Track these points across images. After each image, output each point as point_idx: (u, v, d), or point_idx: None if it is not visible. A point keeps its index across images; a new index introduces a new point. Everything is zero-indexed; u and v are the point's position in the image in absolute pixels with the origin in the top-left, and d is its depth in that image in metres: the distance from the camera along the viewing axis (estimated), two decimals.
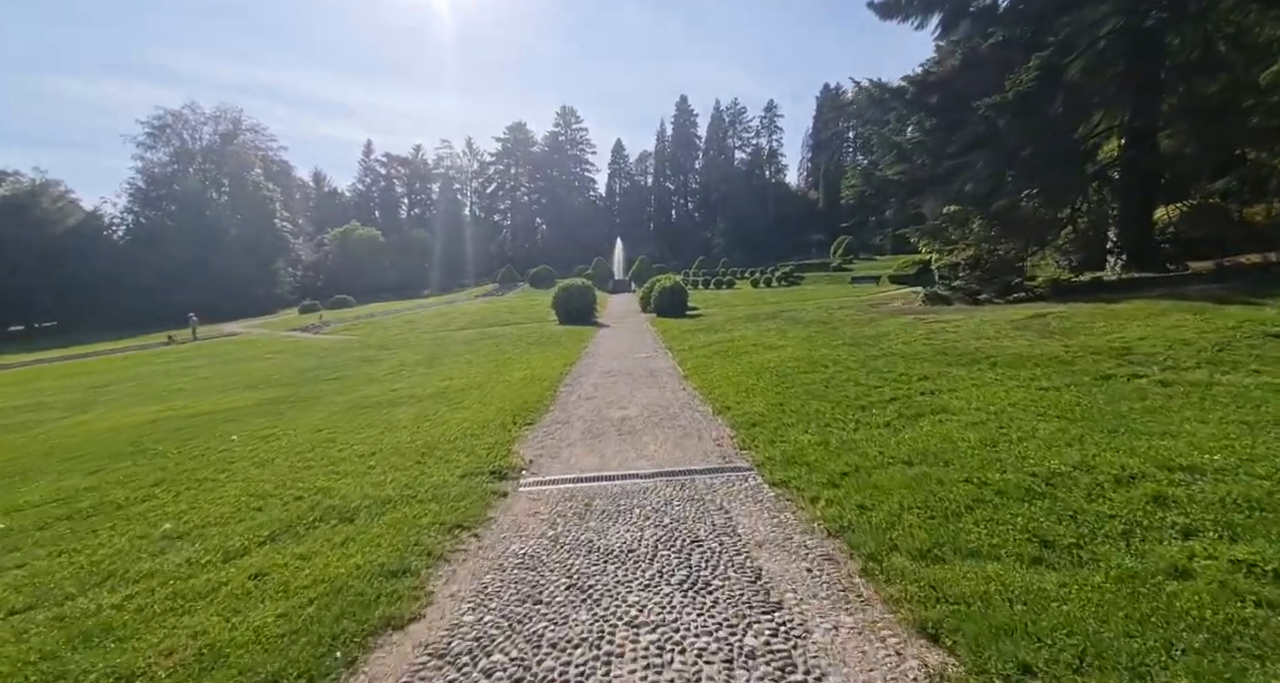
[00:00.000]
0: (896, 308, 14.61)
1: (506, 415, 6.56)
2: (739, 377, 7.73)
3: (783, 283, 37.06)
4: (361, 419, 6.95)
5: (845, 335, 10.21)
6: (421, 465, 4.77)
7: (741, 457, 4.76)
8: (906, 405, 5.33)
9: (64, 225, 50.29)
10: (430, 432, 5.97)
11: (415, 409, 7.31)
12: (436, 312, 32.40)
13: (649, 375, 9.03)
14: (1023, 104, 11.12)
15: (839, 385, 6.49)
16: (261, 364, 15.57)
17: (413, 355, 14.32)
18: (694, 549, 3.07)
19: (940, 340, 8.29)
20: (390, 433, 6.05)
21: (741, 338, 11.91)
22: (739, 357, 9.57)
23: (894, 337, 9.25)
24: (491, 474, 4.51)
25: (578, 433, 5.89)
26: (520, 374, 9.83)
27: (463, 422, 6.35)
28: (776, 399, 6.27)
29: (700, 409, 6.59)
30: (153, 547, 3.41)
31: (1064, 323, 8.05)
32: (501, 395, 7.90)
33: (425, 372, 11.18)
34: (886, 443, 4.37)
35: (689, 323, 16.52)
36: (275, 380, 11.93)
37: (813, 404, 5.83)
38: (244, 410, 8.38)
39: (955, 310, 11.78)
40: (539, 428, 6.13)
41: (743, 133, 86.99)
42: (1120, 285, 10.92)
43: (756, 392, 6.77)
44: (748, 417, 5.74)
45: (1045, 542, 2.60)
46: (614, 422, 6.25)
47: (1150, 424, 3.94)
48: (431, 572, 2.90)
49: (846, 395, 5.99)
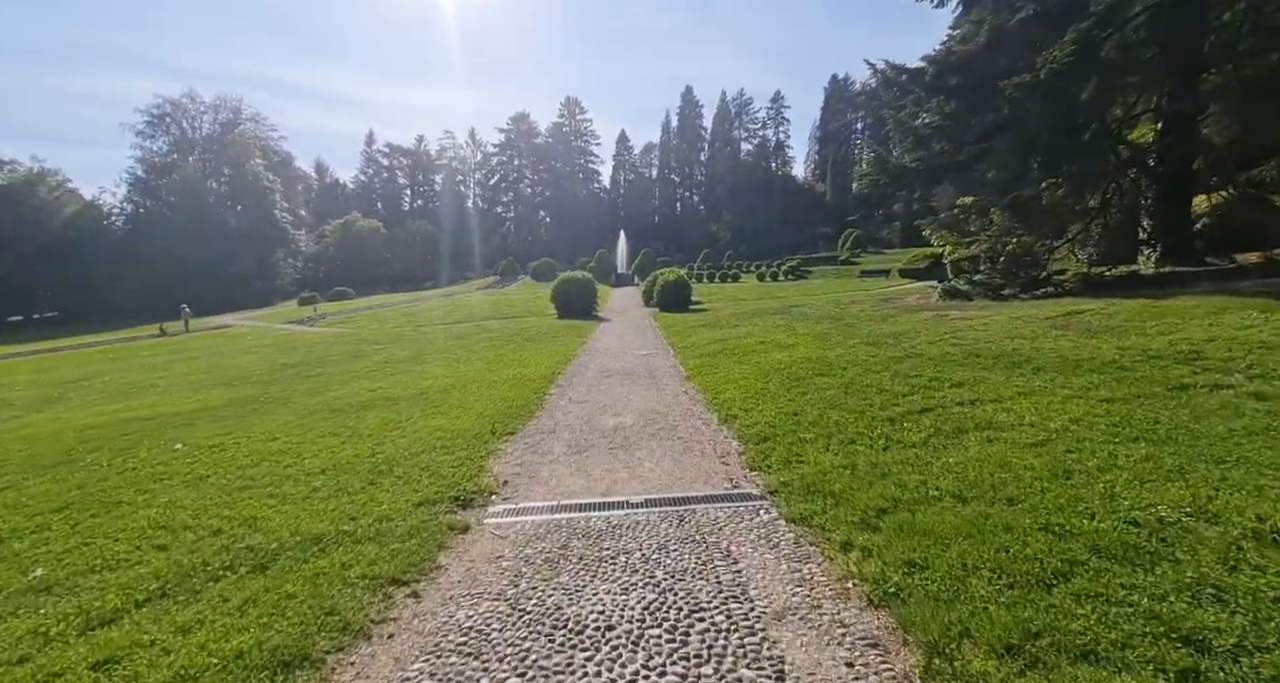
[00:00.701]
0: (912, 303, 13.79)
1: (487, 423, 5.84)
2: (747, 379, 6.98)
3: (789, 277, 36.16)
4: (326, 426, 6.24)
5: (862, 333, 9.42)
6: (374, 489, 4.04)
7: (751, 480, 4.02)
8: (943, 418, 4.57)
9: (61, 216, 49.70)
10: (396, 443, 5.24)
11: (388, 414, 6.59)
12: (433, 304, 31.71)
13: (648, 376, 8.28)
14: (1054, 83, 10.23)
15: (860, 392, 5.72)
16: (245, 359, 14.90)
17: (401, 351, 13.61)
18: (693, 624, 2.33)
19: (969, 340, 7.50)
20: (351, 444, 5.33)
21: (748, 335, 11.15)
22: (746, 356, 8.81)
23: (916, 335, 8.46)
24: (454, 501, 3.78)
25: (564, 446, 5.15)
26: (510, 373, 9.10)
27: (436, 431, 5.62)
28: (790, 407, 5.52)
29: (703, 417, 5.84)
30: (4, 604, 2.70)
31: (1107, 321, 7.24)
32: (486, 398, 7.18)
33: (410, 369, 10.47)
34: (928, 468, 3.61)
35: (693, 318, 15.75)
36: (252, 377, 11.24)
37: (832, 414, 5.07)
38: (205, 412, 7.69)
39: (977, 306, 10.97)
40: (520, 439, 5.40)
41: (749, 124, 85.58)
42: (1160, 280, 10.08)
43: (767, 397, 6.02)
44: (758, 428, 4.99)
45: (1193, 642, 1.83)
46: (606, 432, 5.51)
47: (1266, 452, 3.17)
48: (341, 658, 2.17)
49: (870, 404, 5.23)
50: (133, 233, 52.89)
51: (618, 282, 39.26)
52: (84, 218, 51.35)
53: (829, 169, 79.96)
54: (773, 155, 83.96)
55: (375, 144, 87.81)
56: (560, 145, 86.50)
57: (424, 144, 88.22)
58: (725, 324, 13.34)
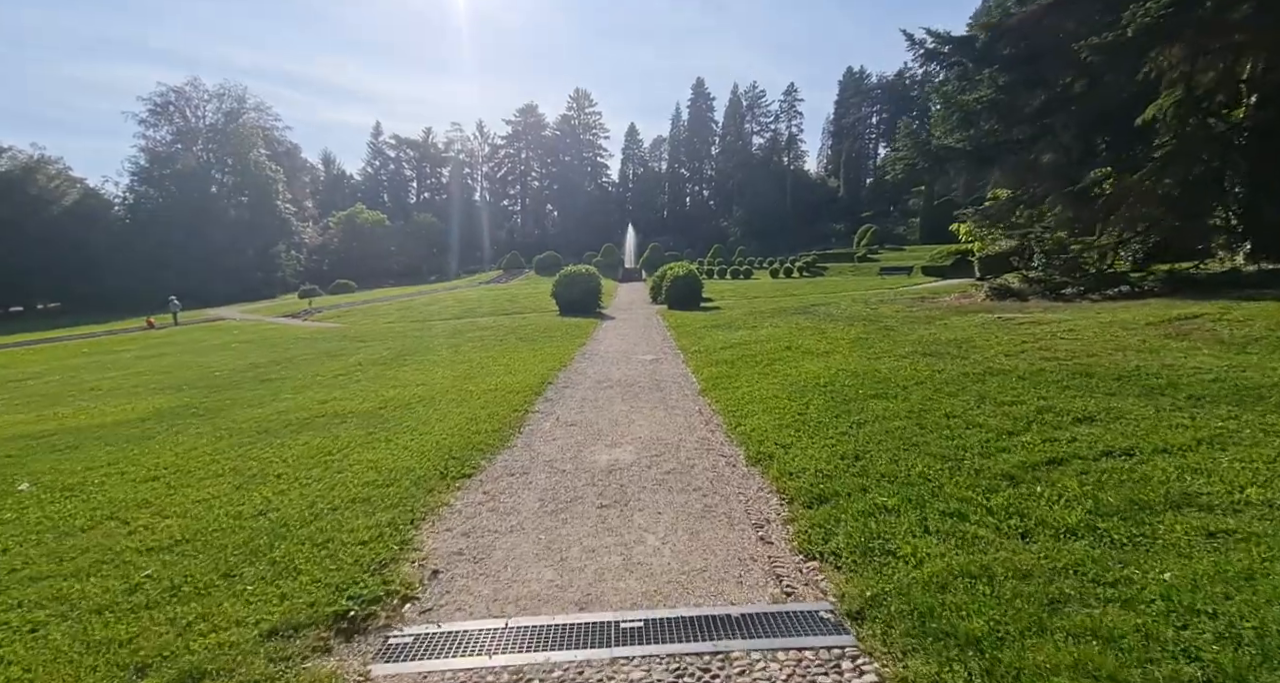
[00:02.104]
0: (953, 303, 12.22)
1: (440, 458, 4.41)
2: (778, 398, 5.51)
3: (804, 273, 34.53)
4: (234, 455, 4.84)
5: (910, 339, 7.90)
6: (223, 589, 2.61)
7: (812, 582, 2.57)
8: (1095, 479, 3.08)
9: (61, 204, 48.83)
10: (305, 492, 3.82)
11: (322, 439, 5.19)
12: (432, 299, 30.39)
13: (655, 389, 6.83)
14: (1143, 40, 8.61)
15: (939, 424, 4.24)
16: (216, 357, 13.62)
17: (382, 350, 12.25)
18: None
19: (1062, 351, 5.96)
20: (244, 491, 3.92)
21: (770, 338, 9.66)
22: (772, 365, 7.34)
23: (984, 343, 6.92)
24: (336, 621, 2.35)
25: (535, 499, 3.72)
26: (493, 382, 7.69)
27: (368, 470, 4.20)
28: (845, 444, 4.05)
29: (726, 453, 4.39)
30: None
31: (1241, 330, 5.69)
32: (453, 418, 5.76)
33: (380, 374, 9.08)
34: (1133, 590, 2.13)
35: (704, 317, 14.26)
36: (206, 380, 9.91)
37: (911, 461, 3.60)
38: (117, 427, 6.33)
39: (1040, 307, 9.40)
40: (479, 485, 3.96)
41: (761, 117, 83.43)
42: (1267, 279, 8.46)
43: (809, 427, 4.55)
44: (806, 479, 3.54)
45: None
46: (597, 475, 4.07)
47: None
48: None
49: (963, 446, 3.75)
50: (134, 223, 51.89)
51: (625, 276, 37.78)
52: (84, 207, 50.37)
53: (842, 164, 77.88)
54: (785, 149, 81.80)
55: (382, 135, 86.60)
56: (568, 138, 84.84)
57: (431, 136, 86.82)
58: (741, 325, 11.85)
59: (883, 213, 64.97)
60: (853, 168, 77.57)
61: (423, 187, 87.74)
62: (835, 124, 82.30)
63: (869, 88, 79.63)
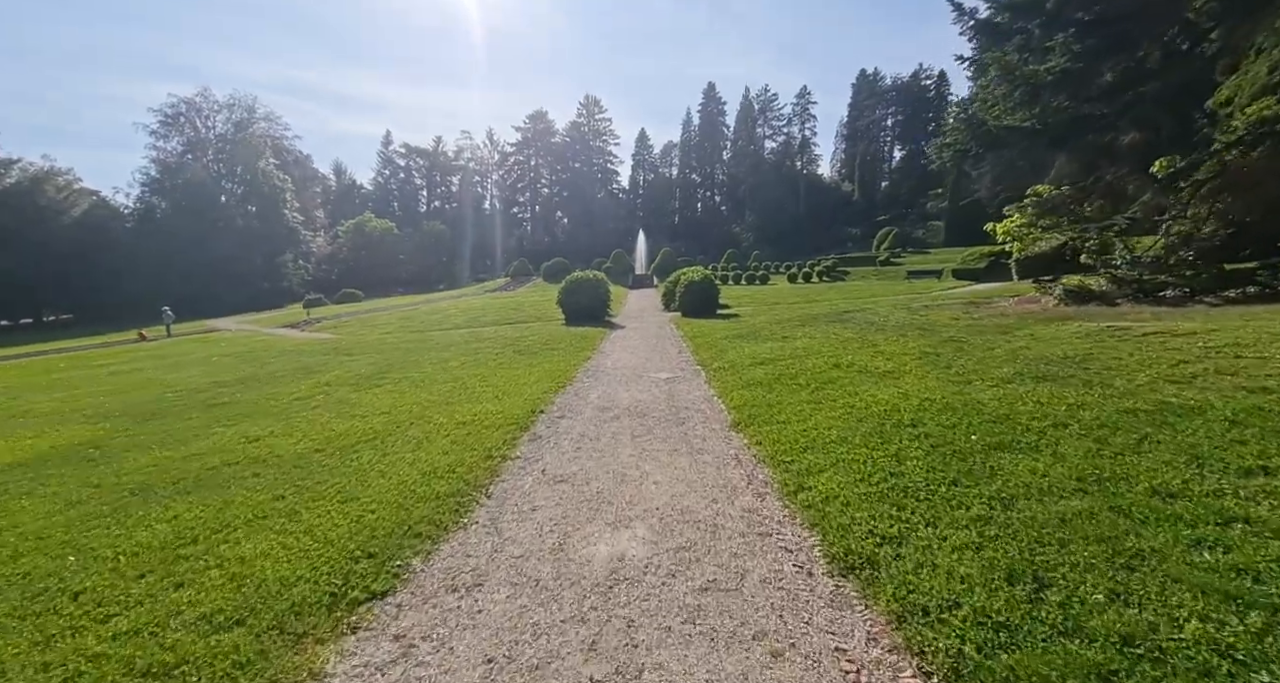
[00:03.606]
0: (1020, 309, 10.49)
1: (349, 557, 2.86)
2: (850, 443, 3.90)
3: (824, 278, 32.75)
4: (58, 540, 3.33)
5: (996, 356, 6.23)
6: None
7: None
8: None
9: (71, 215, 48.55)
10: (99, 634, 2.29)
11: (202, 511, 3.67)
12: (436, 308, 29.09)
13: (674, 421, 5.24)
14: None
15: (1152, 510, 2.60)
16: (186, 373, 12.27)
17: (364, 365, 10.80)
18: None
19: (1259, 376, 4.26)
20: (7, 636, 2.39)
21: (808, 351, 8.04)
22: (822, 389, 5.71)
23: (1114, 363, 5.23)
24: None
25: (479, 657, 2.13)
26: (474, 409, 6.17)
27: (226, 584, 2.66)
28: (997, 545, 2.43)
29: (792, 545, 2.78)
30: None
31: None
32: (402, 469, 4.22)
33: (345, 398, 7.60)
34: None
35: (724, 326, 12.64)
36: (147, 405, 8.50)
37: (1150, 593, 1.97)
38: None
39: (1150, 313, 7.68)
40: (385, 625, 2.39)
41: (774, 121, 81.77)
42: None
43: (917, 500, 2.94)
44: (967, 632, 1.91)
45: None
46: (587, 591, 2.49)
47: None
48: None
49: (1246, 565, 2.12)
50: (143, 233, 51.46)
51: (635, 283, 36.26)
52: (94, 217, 50.07)
53: (857, 167, 75.98)
54: (798, 153, 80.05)
55: (392, 145, 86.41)
56: (578, 144, 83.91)
57: (441, 145, 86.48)
58: (769, 335, 10.22)
59: (899, 216, 62.98)
60: (867, 171, 75.62)
61: (433, 195, 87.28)
62: (849, 127, 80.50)
63: (883, 90, 77.82)
